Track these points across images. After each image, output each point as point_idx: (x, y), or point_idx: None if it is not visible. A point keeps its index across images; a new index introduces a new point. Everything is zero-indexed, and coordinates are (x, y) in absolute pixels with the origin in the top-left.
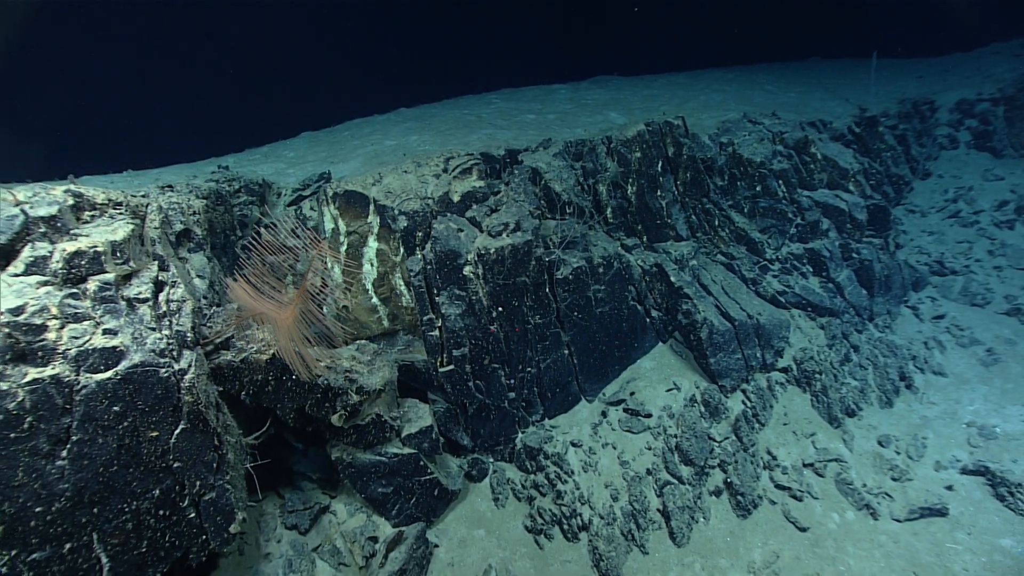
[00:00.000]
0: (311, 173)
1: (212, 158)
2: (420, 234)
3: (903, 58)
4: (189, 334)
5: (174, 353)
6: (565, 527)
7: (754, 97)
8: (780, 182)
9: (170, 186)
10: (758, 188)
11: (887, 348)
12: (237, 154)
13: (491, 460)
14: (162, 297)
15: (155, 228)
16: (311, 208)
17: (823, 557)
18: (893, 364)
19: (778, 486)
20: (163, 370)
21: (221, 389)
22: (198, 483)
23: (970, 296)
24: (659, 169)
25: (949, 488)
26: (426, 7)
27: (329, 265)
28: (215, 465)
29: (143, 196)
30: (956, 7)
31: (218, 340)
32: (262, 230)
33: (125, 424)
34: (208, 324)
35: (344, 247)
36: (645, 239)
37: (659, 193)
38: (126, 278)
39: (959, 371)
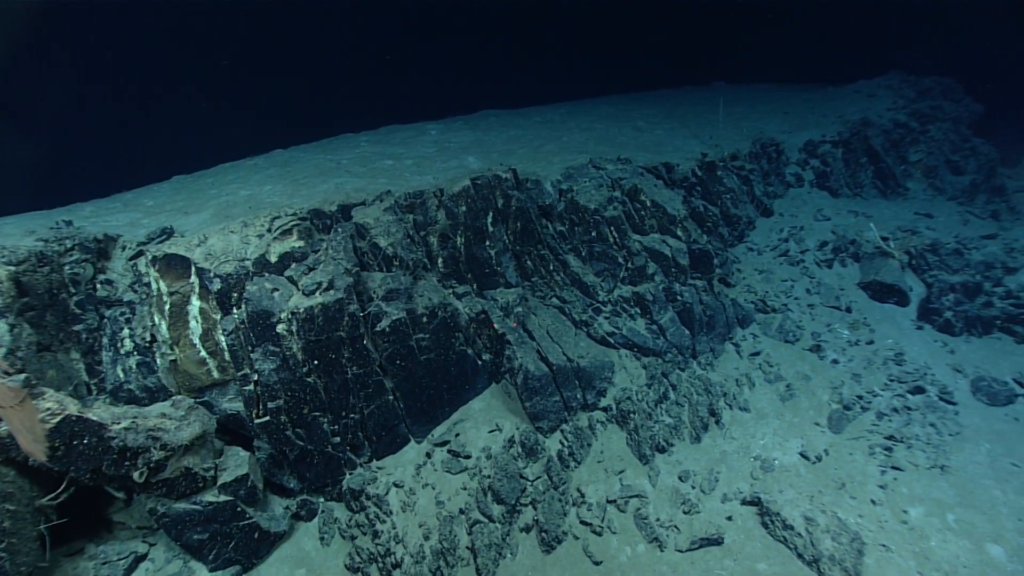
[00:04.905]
0: (162, 224)
1: (77, 203)
2: (235, 295)
3: (784, 87)
4: None
5: None
6: (380, 565)
7: (619, 137)
8: (612, 228)
9: None
10: (593, 233)
11: (703, 386)
12: (100, 200)
13: (321, 500)
14: None
15: None
16: (146, 265)
17: None
18: (705, 401)
19: (583, 522)
20: None
21: (5, 458)
22: None
23: (784, 333)
24: (488, 221)
25: (729, 519)
26: (312, 46)
27: (156, 321)
28: None
29: None
30: (844, 38)
31: None
32: None
33: None
34: None
35: (168, 306)
36: (476, 287)
37: (488, 243)
38: None
39: (761, 406)
